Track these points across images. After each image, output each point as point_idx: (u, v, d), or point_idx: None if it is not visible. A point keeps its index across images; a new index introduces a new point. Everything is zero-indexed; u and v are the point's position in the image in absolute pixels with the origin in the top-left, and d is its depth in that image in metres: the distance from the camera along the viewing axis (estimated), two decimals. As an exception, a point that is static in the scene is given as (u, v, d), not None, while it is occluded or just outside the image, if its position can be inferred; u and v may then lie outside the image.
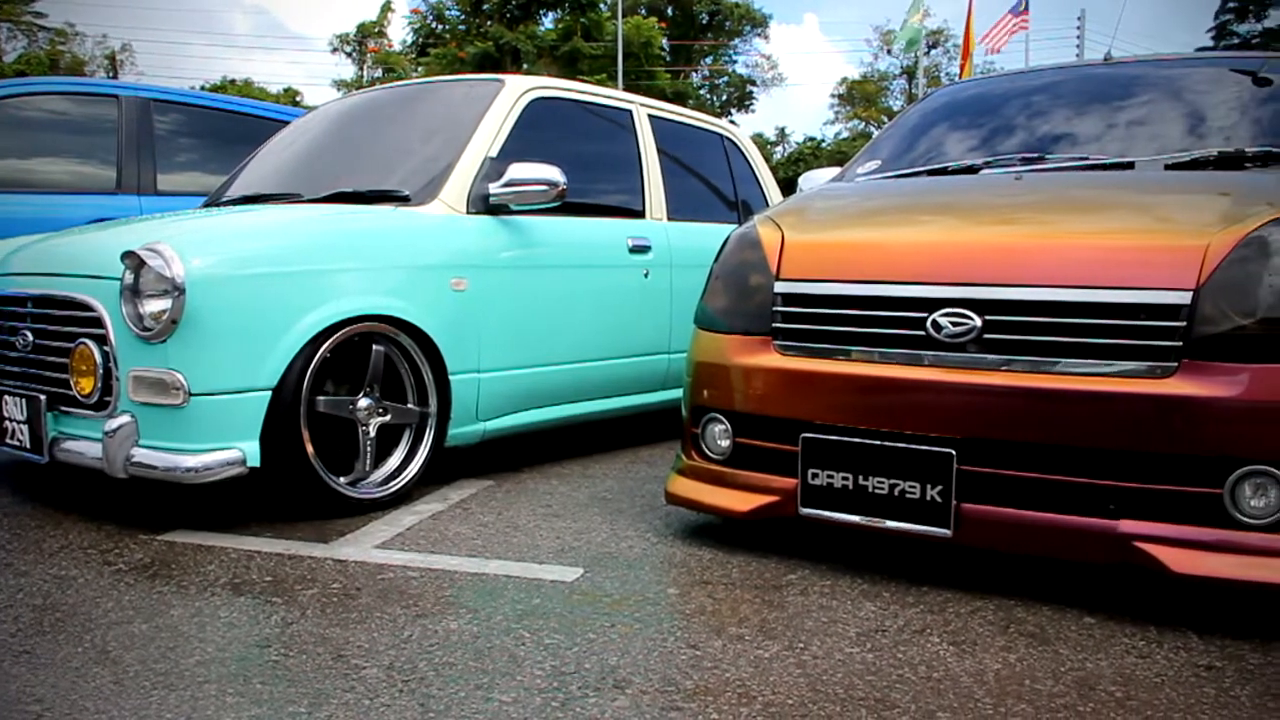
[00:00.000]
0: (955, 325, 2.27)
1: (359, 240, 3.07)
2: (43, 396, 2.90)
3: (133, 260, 2.65)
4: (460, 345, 3.25)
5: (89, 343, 2.79)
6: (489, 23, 31.65)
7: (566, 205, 3.49)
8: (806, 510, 2.42)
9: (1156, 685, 1.84)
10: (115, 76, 36.62)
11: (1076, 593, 2.31)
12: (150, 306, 2.65)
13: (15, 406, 2.98)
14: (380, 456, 3.09)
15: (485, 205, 3.39)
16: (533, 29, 31.36)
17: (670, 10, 41.01)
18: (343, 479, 2.96)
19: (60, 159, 4.91)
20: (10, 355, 3.07)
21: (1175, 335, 2.07)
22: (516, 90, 3.71)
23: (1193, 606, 2.22)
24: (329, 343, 2.88)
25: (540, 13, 32.22)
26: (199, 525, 2.85)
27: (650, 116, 4.34)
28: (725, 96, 44.21)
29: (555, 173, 3.34)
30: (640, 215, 4.13)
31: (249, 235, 2.96)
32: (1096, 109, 3.18)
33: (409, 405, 3.15)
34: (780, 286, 2.56)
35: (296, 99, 34.26)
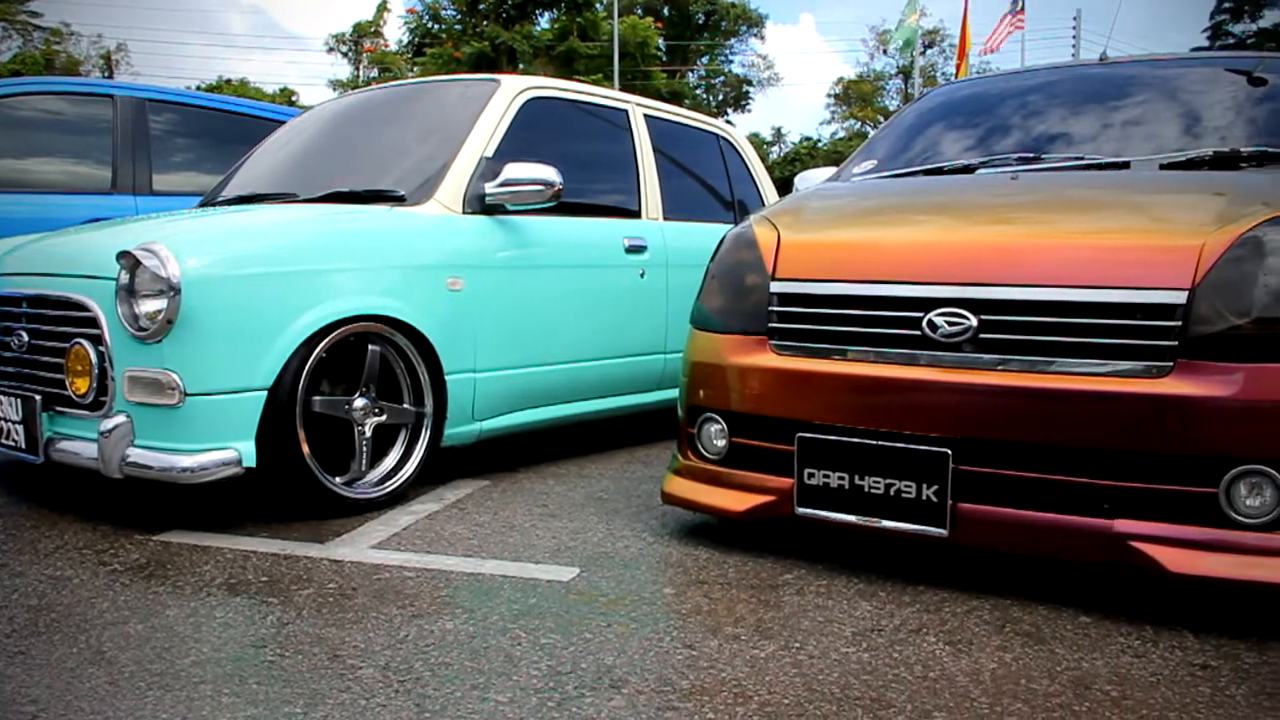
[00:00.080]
0: (951, 325, 2.28)
1: (355, 240, 3.07)
2: (38, 396, 2.89)
3: (128, 260, 2.65)
4: (456, 345, 3.24)
5: (84, 343, 2.78)
6: (485, 23, 31.62)
7: (562, 205, 3.49)
8: (802, 510, 2.43)
9: (1152, 684, 1.84)
10: (111, 76, 36.58)
11: (1072, 592, 2.32)
12: (145, 306, 2.65)
13: (10, 407, 2.98)
14: (376, 456, 3.09)
15: (481, 205, 3.39)
16: (529, 29, 31.34)
17: (666, 10, 41.04)
18: (338, 479, 2.95)
19: (55, 159, 4.90)
20: (5, 355, 3.07)
21: (1171, 335, 2.07)
22: (512, 90, 3.71)
23: (1188, 606, 2.22)
24: (325, 343, 2.88)
25: (536, 13, 32.19)
26: (195, 525, 2.84)
27: (646, 116, 4.34)
28: (721, 96, 44.24)
29: (551, 173, 3.33)
30: (636, 215, 4.13)
31: (244, 235, 2.96)
32: (1092, 109, 3.18)
33: (405, 405, 3.15)
34: (776, 286, 2.56)
35: (292, 99, 34.24)
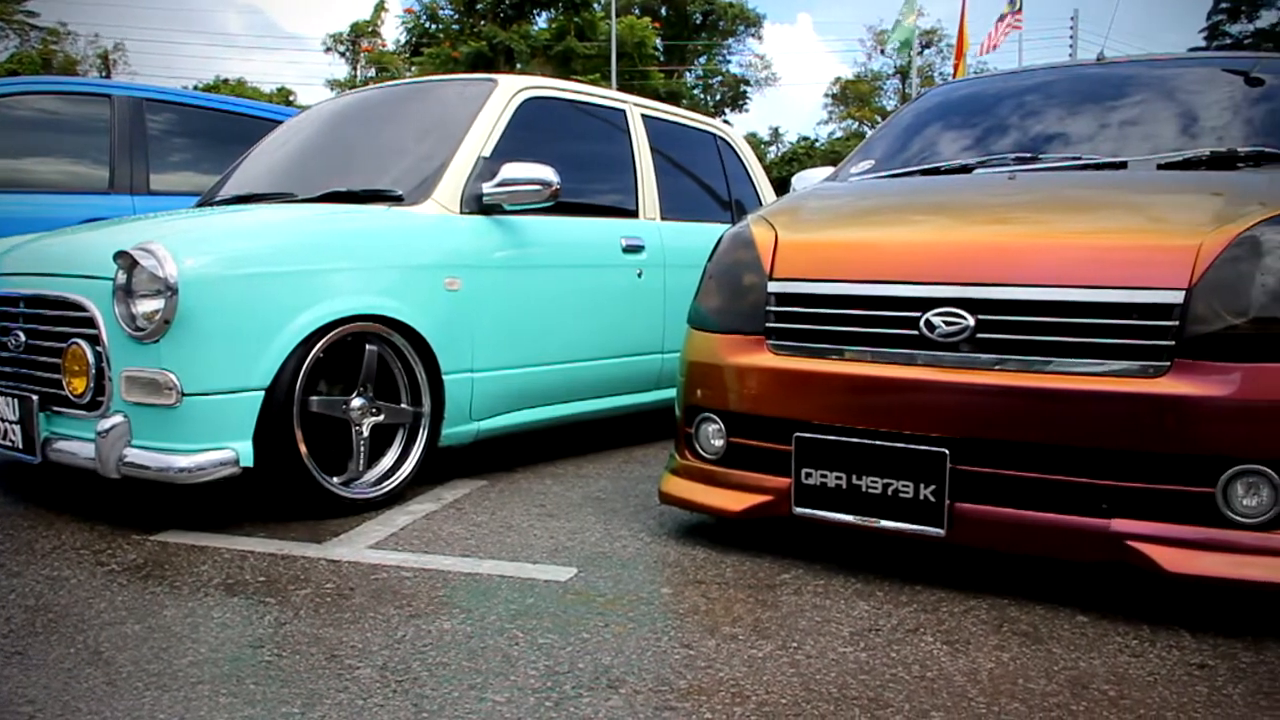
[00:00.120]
0: (948, 325, 2.28)
1: (352, 240, 3.06)
2: (35, 397, 2.89)
3: (125, 260, 2.65)
4: (454, 345, 3.24)
5: (81, 343, 2.78)
6: (483, 22, 31.62)
7: (560, 205, 3.49)
8: (800, 510, 2.43)
9: (1149, 684, 1.84)
10: (108, 76, 36.53)
11: (1069, 592, 2.32)
12: (143, 306, 2.65)
13: (8, 407, 2.97)
14: (374, 456, 3.09)
15: (479, 205, 3.39)
16: (526, 29, 31.34)
17: (664, 10, 41.03)
18: (336, 479, 2.95)
19: (53, 159, 4.89)
20: (2, 355, 3.06)
21: (1168, 335, 2.08)
22: (510, 90, 3.71)
23: (1185, 605, 2.22)
24: (322, 343, 2.87)
25: (534, 12, 32.20)
26: (192, 525, 2.84)
27: (644, 116, 4.34)
28: (719, 96, 44.23)
29: (549, 172, 3.33)
30: (634, 215, 4.13)
31: (242, 235, 2.96)
32: (1089, 109, 3.18)
33: (402, 405, 3.15)
34: (774, 286, 2.56)
35: (290, 99, 34.25)
